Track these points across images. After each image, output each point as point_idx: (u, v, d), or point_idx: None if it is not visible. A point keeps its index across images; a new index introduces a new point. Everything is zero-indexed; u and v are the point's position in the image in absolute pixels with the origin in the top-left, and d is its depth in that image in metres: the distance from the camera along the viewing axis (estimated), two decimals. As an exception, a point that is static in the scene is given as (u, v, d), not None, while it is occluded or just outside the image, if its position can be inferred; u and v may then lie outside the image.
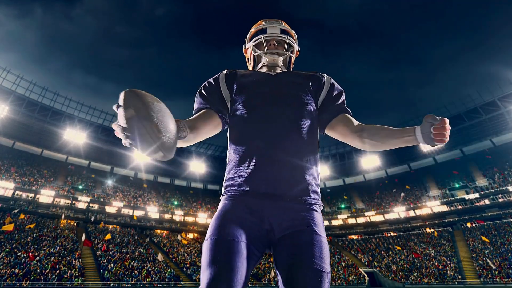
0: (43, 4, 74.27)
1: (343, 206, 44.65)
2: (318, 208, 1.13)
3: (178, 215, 40.34)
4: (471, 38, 69.73)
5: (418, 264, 28.91)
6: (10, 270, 18.02)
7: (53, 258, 21.09)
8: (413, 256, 29.98)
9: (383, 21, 76.38)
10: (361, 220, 41.38)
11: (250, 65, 1.54)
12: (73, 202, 33.23)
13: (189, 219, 41.14)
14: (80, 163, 40.04)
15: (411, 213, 37.68)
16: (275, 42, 1.42)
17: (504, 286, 22.14)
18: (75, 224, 30.87)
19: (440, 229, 34.33)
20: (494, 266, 24.07)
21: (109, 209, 35.30)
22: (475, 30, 68.31)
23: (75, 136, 36.75)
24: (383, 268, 30.51)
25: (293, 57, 1.50)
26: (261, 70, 1.43)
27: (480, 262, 25.97)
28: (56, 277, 19.06)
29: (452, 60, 74.09)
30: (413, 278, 27.00)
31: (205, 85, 1.32)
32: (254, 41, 1.45)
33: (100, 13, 78.46)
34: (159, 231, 36.96)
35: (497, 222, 30.86)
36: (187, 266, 27.73)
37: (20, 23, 70.68)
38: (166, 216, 39.00)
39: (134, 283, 21.84)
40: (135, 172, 44.59)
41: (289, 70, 1.49)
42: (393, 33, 78.90)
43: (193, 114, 1.27)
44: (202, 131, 1.19)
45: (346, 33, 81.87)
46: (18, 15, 71.50)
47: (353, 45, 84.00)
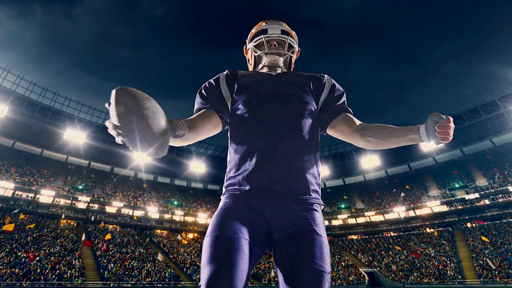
0: (43, 4, 74.39)
1: (343, 206, 44.62)
2: (318, 207, 1.13)
3: (178, 215, 40.34)
4: (471, 38, 69.84)
5: (418, 264, 28.89)
6: (10, 270, 18.02)
7: (53, 258, 21.09)
8: (413, 256, 29.96)
9: (383, 21, 76.48)
10: (361, 220, 41.36)
11: (250, 65, 1.54)
12: (73, 202, 33.23)
13: (189, 219, 41.14)
14: (80, 163, 40.05)
15: (411, 213, 37.67)
16: (276, 42, 1.42)
17: (504, 286, 22.13)
18: (75, 224, 30.88)
19: (440, 229, 34.31)
20: (494, 266, 24.05)
21: (109, 209, 35.31)
22: (475, 30, 68.42)
23: (75, 136, 36.75)
24: (383, 268, 30.49)
25: (294, 57, 1.50)
26: (261, 70, 1.43)
27: (480, 262, 25.96)
28: (56, 277, 19.06)
29: (452, 60, 74.18)
30: (413, 278, 26.99)
31: (205, 85, 1.33)
32: (255, 42, 1.45)
33: (100, 13, 78.59)
34: (159, 231, 36.96)
35: (497, 222, 30.85)
36: (187, 266, 27.73)
37: (20, 23, 70.79)
38: (166, 216, 39.01)
39: (134, 283, 21.84)
40: (135, 172, 44.60)
41: (289, 71, 1.49)
42: (393, 33, 79.01)
43: (193, 114, 1.28)
44: (201, 130, 1.19)
45: (346, 33, 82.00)
46: (18, 15, 71.61)
47: (353, 45, 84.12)
